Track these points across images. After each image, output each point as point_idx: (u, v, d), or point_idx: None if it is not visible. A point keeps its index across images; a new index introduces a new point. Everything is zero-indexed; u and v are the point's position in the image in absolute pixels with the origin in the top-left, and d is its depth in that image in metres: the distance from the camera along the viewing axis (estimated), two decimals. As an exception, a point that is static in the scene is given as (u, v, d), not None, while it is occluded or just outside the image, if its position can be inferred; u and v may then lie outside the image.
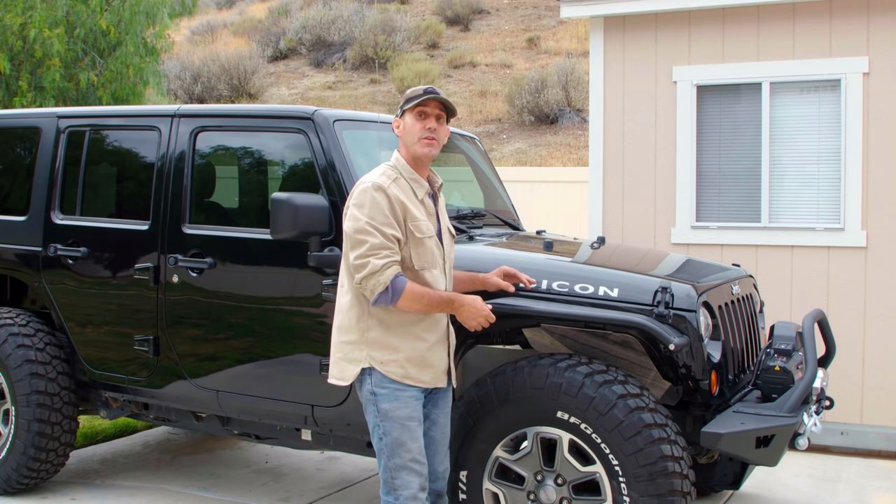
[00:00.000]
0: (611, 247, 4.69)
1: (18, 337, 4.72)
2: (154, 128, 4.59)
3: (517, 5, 24.01)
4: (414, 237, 3.24)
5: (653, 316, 3.50)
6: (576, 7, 6.42)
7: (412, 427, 3.24)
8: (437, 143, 3.32)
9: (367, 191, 3.20)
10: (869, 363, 5.79)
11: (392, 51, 20.98)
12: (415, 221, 3.25)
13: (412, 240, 3.24)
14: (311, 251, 3.90)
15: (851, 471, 5.43)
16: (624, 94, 6.43)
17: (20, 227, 4.92)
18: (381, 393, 3.24)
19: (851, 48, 5.84)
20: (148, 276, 4.44)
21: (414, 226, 3.24)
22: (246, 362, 4.25)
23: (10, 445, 4.72)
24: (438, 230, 3.38)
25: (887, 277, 5.76)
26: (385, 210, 3.18)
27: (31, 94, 9.48)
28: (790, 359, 3.79)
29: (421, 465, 3.25)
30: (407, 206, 3.23)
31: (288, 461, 5.56)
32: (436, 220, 3.38)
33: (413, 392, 3.26)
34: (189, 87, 20.26)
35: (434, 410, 3.40)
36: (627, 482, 3.35)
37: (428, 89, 3.30)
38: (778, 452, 3.51)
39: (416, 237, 3.24)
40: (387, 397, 3.23)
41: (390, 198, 3.19)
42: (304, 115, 4.14)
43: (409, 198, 3.27)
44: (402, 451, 3.22)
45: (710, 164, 6.25)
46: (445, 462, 3.47)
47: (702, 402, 3.66)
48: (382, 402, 3.23)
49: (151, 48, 10.74)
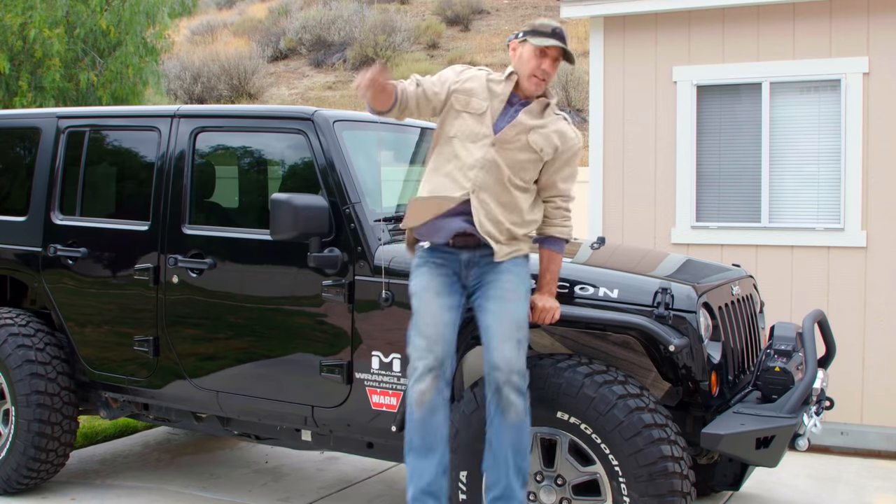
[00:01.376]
0: (611, 247, 4.69)
1: (18, 337, 4.72)
2: (154, 128, 4.59)
3: (517, 5, 24.00)
4: (453, 108, 3.46)
5: (653, 317, 3.50)
6: (576, 7, 6.42)
7: (424, 297, 3.34)
8: (546, 83, 3.48)
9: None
10: (869, 363, 5.79)
11: (392, 51, 20.97)
12: (463, 95, 3.45)
13: (451, 110, 3.47)
14: (311, 252, 3.90)
15: (851, 471, 5.43)
16: (624, 94, 6.43)
17: (20, 227, 4.92)
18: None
19: (851, 48, 5.83)
20: (148, 277, 4.44)
21: (456, 98, 3.46)
22: (246, 363, 4.24)
23: (10, 445, 4.71)
24: (499, 124, 3.44)
25: (887, 277, 5.76)
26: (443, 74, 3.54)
27: (31, 94, 9.48)
28: (790, 359, 3.79)
29: (427, 343, 3.25)
30: (471, 87, 3.46)
31: (288, 461, 5.56)
32: (501, 109, 3.45)
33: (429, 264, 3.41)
34: (189, 87, 20.25)
35: (480, 299, 3.38)
36: (627, 482, 3.35)
37: (556, 31, 3.44)
38: (778, 453, 3.51)
39: (455, 109, 3.46)
40: (412, 275, 3.47)
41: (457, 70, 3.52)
42: (304, 115, 4.13)
43: (483, 83, 3.48)
44: (412, 329, 3.33)
45: (710, 164, 6.25)
46: (500, 352, 3.24)
47: (702, 402, 3.65)
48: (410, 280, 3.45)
49: (151, 48, 10.74)
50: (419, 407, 3.26)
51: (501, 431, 3.27)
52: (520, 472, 3.30)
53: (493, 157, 3.40)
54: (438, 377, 3.26)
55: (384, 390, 3.88)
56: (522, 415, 3.26)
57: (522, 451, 3.29)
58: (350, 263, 3.92)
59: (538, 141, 3.46)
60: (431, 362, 3.26)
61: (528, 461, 3.32)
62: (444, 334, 3.30)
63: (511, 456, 3.28)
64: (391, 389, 3.86)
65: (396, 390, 3.85)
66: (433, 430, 3.27)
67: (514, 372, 3.23)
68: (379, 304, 3.85)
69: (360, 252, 3.91)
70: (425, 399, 3.24)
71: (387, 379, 3.87)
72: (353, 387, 3.95)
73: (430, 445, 3.27)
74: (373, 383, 3.90)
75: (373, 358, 3.91)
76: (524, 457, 3.30)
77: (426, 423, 3.26)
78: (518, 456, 3.28)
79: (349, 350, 3.95)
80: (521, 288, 3.42)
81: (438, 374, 3.26)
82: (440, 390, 3.27)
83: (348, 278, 3.92)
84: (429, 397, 3.24)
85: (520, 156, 3.45)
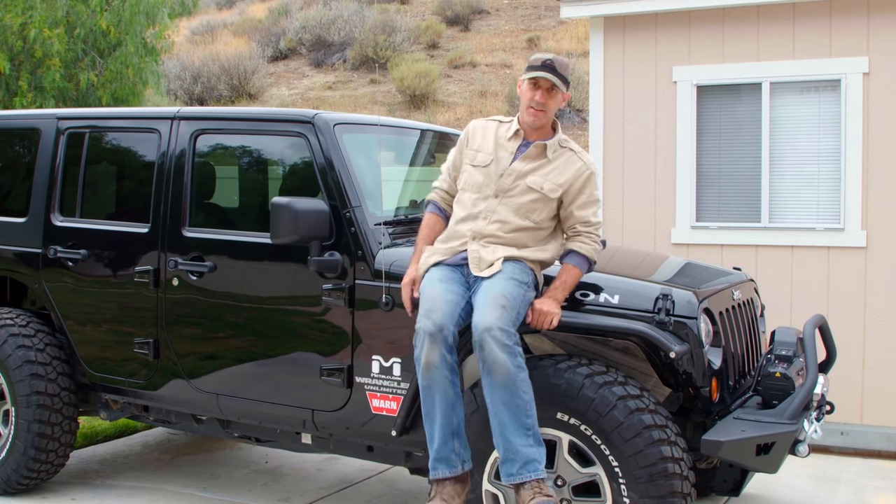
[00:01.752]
0: (611, 249, 4.68)
1: (18, 338, 4.72)
2: (154, 130, 4.59)
3: (517, 5, 23.98)
4: (464, 163, 3.76)
5: (653, 323, 3.49)
6: (576, 7, 6.41)
7: (428, 283, 3.53)
8: (545, 114, 3.64)
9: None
10: (869, 363, 5.79)
11: (392, 51, 20.94)
12: (471, 151, 3.74)
13: (463, 165, 3.77)
14: (311, 256, 3.90)
15: (851, 471, 5.43)
16: (624, 94, 6.43)
17: (20, 228, 4.92)
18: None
19: (851, 48, 5.83)
20: (148, 279, 4.44)
21: (466, 153, 3.76)
22: (246, 366, 4.24)
23: (10, 446, 4.71)
24: (506, 166, 3.64)
25: (887, 277, 5.76)
26: (458, 141, 3.85)
27: (31, 94, 9.47)
28: (791, 365, 3.78)
29: (426, 311, 3.39)
30: (479, 142, 3.73)
31: (288, 461, 5.56)
32: (509, 159, 3.65)
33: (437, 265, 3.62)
34: (189, 87, 20.22)
35: (476, 293, 3.50)
36: (627, 483, 3.35)
37: (545, 63, 3.57)
38: (778, 459, 3.51)
39: (464, 163, 3.75)
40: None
41: (469, 128, 3.81)
42: (305, 118, 4.13)
43: (491, 135, 3.72)
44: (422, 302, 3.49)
45: (710, 164, 6.25)
46: (481, 314, 3.35)
47: (702, 408, 3.65)
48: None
49: (151, 48, 10.73)
50: (423, 373, 3.36)
51: (491, 392, 3.29)
52: (521, 428, 3.27)
53: (494, 208, 3.60)
54: (439, 342, 3.31)
55: (384, 394, 3.88)
56: (512, 372, 3.24)
57: (521, 408, 3.26)
58: (350, 267, 3.92)
59: (537, 181, 3.61)
60: (430, 327, 3.34)
61: (531, 417, 3.29)
62: (444, 306, 3.41)
63: (505, 414, 3.26)
64: (391, 393, 3.86)
65: (396, 394, 3.85)
66: (437, 396, 3.34)
67: (494, 328, 3.26)
68: (379, 307, 3.85)
69: (361, 256, 3.91)
70: (428, 364, 3.32)
71: (387, 383, 3.87)
72: (353, 390, 3.95)
73: (433, 411, 3.36)
74: (373, 387, 3.90)
75: (373, 362, 3.91)
76: (525, 412, 3.27)
77: (430, 389, 3.34)
78: (515, 412, 3.26)
79: (349, 354, 3.95)
80: (511, 273, 3.49)
81: (438, 338, 3.32)
82: (443, 356, 3.32)
83: (349, 282, 3.92)
84: (431, 362, 3.30)
85: (523, 199, 3.60)
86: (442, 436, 3.39)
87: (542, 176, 3.62)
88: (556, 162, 3.65)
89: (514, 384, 3.26)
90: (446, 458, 3.41)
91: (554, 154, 3.67)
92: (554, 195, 3.60)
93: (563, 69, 3.61)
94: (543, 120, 3.65)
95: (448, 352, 3.34)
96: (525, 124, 3.68)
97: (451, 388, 3.35)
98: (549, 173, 3.63)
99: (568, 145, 3.72)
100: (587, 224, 3.65)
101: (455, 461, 3.41)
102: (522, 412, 3.27)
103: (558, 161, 3.66)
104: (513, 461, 3.29)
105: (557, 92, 3.62)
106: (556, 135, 3.70)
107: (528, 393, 3.29)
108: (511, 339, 3.29)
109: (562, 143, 3.71)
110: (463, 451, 3.44)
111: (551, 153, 3.66)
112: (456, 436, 3.39)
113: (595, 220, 3.68)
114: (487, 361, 3.26)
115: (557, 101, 3.65)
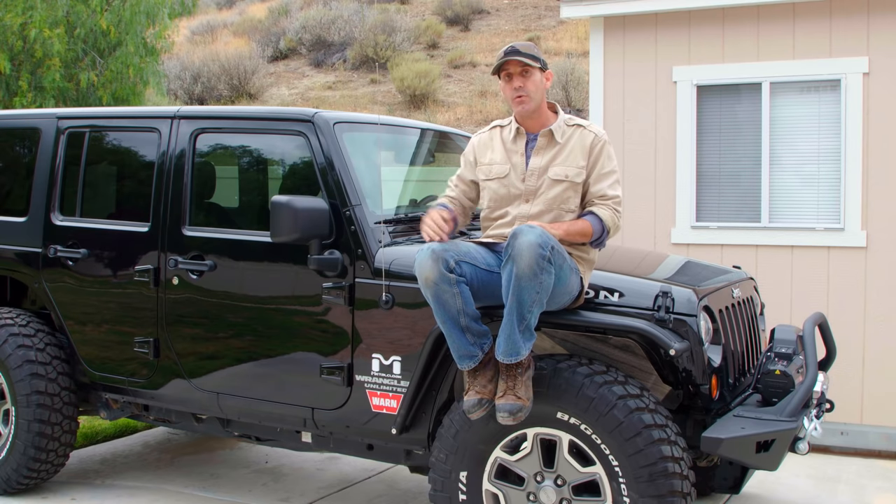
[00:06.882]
0: (611, 248, 4.68)
1: (19, 337, 4.72)
2: (154, 129, 4.59)
3: (517, 5, 23.99)
4: (481, 181, 3.75)
5: (653, 321, 3.50)
6: (576, 7, 6.42)
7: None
8: (528, 97, 3.61)
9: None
10: (869, 363, 5.79)
11: (392, 51, 20.95)
12: (485, 166, 3.72)
13: (483, 184, 3.75)
14: (311, 254, 3.90)
15: (851, 471, 5.43)
16: (624, 94, 6.43)
17: (20, 227, 4.92)
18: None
19: (851, 48, 5.83)
20: (148, 278, 4.44)
21: (481, 170, 3.74)
22: (246, 365, 4.24)
23: (10, 446, 4.72)
24: (524, 169, 3.63)
25: (887, 277, 5.76)
26: (465, 154, 3.84)
27: (31, 94, 9.48)
28: (791, 362, 3.79)
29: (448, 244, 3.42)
30: (487, 154, 3.72)
31: (288, 461, 5.56)
32: (523, 161, 3.63)
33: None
34: (189, 87, 20.23)
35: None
36: (627, 483, 3.35)
37: (507, 49, 3.56)
38: (778, 457, 3.51)
39: (482, 181, 3.74)
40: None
41: (472, 144, 3.80)
42: (305, 117, 4.13)
43: (497, 144, 3.72)
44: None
45: (710, 164, 6.25)
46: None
47: (702, 406, 3.65)
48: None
49: (151, 48, 10.74)
50: (424, 287, 3.38)
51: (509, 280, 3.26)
52: (522, 321, 3.29)
53: (527, 212, 3.61)
54: (440, 262, 3.32)
55: (384, 392, 3.88)
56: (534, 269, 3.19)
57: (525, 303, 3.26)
58: (350, 266, 3.92)
59: (559, 171, 3.62)
60: (437, 248, 3.36)
61: (533, 314, 3.29)
62: (461, 247, 3.43)
63: (515, 304, 3.26)
64: (391, 392, 3.87)
65: (397, 392, 3.85)
66: (441, 306, 3.36)
67: (537, 232, 3.22)
68: (379, 306, 3.86)
69: (361, 254, 3.91)
70: (427, 280, 3.34)
71: (387, 381, 3.87)
72: (353, 389, 3.95)
73: (446, 318, 3.38)
74: (373, 386, 3.91)
75: (373, 360, 3.91)
76: (528, 308, 3.26)
77: (434, 300, 3.36)
78: (522, 306, 3.26)
79: (349, 352, 3.96)
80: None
81: (440, 259, 3.32)
82: (440, 272, 3.32)
83: (348, 280, 3.92)
84: (429, 277, 3.33)
85: (552, 192, 3.61)
86: (456, 336, 3.40)
87: (562, 163, 3.62)
88: (569, 143, 3.65)
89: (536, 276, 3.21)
90: (467, 353, 3.42)
91: (563, 136, 3.66)
92: (580, 179, 3.61)
93: (528, 49, 3.60)
94: (531, 105, 3.62)
95: (447, 269, 3.34)
96: (520, 118, 3.68)
97: (452, 299, 3.36)
98: (566, 158, 3.62)
99: (575, 122, 3.70)
100: (604, 197, 3.63)
101: (475, 350, 3.43)
102: (525, 307, 3.27)
103: (571, 141, 3.65)
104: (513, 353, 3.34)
105: (533, 71, 3.60)
106: (559, 117, 3.70)
107: (542, 292, 3.26)
108: (546, 249, 3.21)
109: (568, 123, 3.70)
110: (478, 339, 3.44)
111: (560, 136, 3.65)
112: (467, 331, 3.41)
113: (612, 192, 3.64)
114: (515, 250, 3.22)
115: (537, 82, 3.62)
